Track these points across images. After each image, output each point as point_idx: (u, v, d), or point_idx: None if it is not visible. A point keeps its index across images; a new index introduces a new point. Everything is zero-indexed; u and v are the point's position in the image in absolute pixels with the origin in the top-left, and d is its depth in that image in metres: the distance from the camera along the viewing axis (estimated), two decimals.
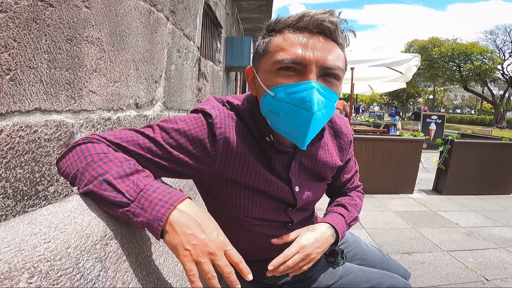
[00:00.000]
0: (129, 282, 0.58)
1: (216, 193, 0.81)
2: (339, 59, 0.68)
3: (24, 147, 0.76)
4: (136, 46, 1.40)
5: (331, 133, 0.91)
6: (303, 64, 0.65)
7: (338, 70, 0.67)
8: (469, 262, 2.27)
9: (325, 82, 0.67)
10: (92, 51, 1.04)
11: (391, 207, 3.48)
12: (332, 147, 0.90)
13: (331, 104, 0.68)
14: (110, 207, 0.58)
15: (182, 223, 0.56)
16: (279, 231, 0.89)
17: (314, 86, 0.63)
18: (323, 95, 0.65)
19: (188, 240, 0.55)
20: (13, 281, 0.39)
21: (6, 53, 0.69)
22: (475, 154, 4.07)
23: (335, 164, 0.89)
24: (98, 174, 0.58)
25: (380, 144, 3.95)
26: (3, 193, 0.71)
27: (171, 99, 1.96)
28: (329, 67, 0.66)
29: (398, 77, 6.00)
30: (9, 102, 0.71)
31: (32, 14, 0.75)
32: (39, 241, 0.45)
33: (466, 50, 21.10)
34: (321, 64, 0.65)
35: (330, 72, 0.66)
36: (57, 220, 0.51)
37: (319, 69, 0.66)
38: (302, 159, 0.83)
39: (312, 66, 0.65)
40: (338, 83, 0.70)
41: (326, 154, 0.87)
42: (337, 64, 0.67)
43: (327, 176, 0.91)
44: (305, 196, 0.86)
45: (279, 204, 0.85)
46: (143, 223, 0.55)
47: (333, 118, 0.92)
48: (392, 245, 2.51)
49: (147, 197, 0.56)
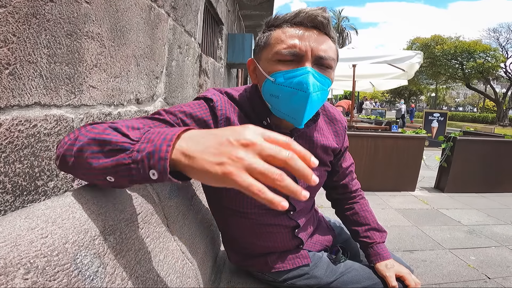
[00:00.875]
0: (128, 278, 0.57)
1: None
2: (331, 50, 0.76)
3: (23, 142, 0.76)
4: (137, 42, 1.40)
5: (325, 120, 0.98)
6: (300, 54, 0.73)
7: (330, 60, 0.75)
8: (471, 260, 2.26)
9: (319, 69, 0.75)
10: (93, 46, 1.03)
11: (392, 204, 3.47)
12: (328, 131, 0.96)
13: (325, 88, 0.76)
14: (109, 154, 0.49)
15: (197, 136, 0.47)
16: (280, 220, 0.91)
17: (309, 71, 0.71)
18: (317, 79, 0.73)
19: (212, 149, 0.43)
20: (9, 277, 0.38)
21: (5, 48, 0.68)
22: (477, 152, 4.05)
23: (330, 146, 0.94)
24: (99, 129, 0.53)
25: (382, 141, 3.93)
26: (2, 188, 0.71)
27: (172, 95, 1.95)
28: (322, 56, 0.74)
29: (400, 74, 5.98)
30: (8, 96, 0.71)
31: (32, 9, 0.75)
32: (36, 236, 0.45)
33: (469, 48, 20.97)
34: (315, 54, 0.73)
35: (323, 61, 0.74)
36: (54, 215, 0.50)
37: (314, 58, 0.74)
38: (299, 141, 0.88)
39: (308, 54, 0.73)
40: (331, 71, 0.78)
41: (322, 137, 0.93)
42: (329, 54, 0.75)
43: (324, 158, 0.94)
44: None
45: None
46: (149, 154, 0.46)
47: (327, 107, 0.99)
48: (394, 242, 2.50)
49: (154, 131, 0.50)
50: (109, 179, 0.51)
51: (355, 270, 0.98)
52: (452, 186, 4.08)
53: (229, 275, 1.08)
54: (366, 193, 1.04)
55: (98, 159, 0.50)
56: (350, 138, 4.12)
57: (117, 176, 0.50)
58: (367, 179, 3.89)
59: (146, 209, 0.72)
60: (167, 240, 0.77)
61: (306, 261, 0.97)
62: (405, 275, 0.94)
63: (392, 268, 0.95)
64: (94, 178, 0.55)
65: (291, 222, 0.92)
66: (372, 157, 3.89)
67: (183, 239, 0.86)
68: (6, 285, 0.37)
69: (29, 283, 0.40)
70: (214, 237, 1.11)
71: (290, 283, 0.97)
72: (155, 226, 0.74)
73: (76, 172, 0.56)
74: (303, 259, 0.97)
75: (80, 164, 0.53)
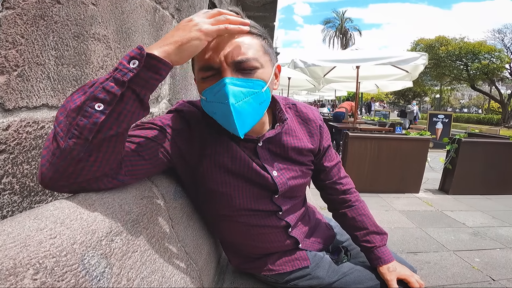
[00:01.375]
0: (134, 279, 0.58)
1: (200, 181, 0.86)
2: (250, 49, 0.72)
3: (31, 143, 0.77)
4: (142, 43, 1.40)
5: (299, 121, 0.96)
6: (215, 67, 0.71)
7: (249, 61, 0.71)
8: (475, 262, 2.24)
9: (243, 73, 0.72)
10: (99, 48, 1.04)
11: (396, 206, 3.46)
12: (301, 132, 0.95)
13: (257, 90, 0.72)
14: (81, 92, 0.56)
15: (162, 39, 0.63)
16: (270, 221, 0.91)
17: (227, 82, 0.68)
18: (240, 85, 0.70)
19: (180, 31, 0.63)
20: (18, 277, 0.39)
21: (14, 50, 0.69)
22: (482, 154, 4.02)
23: (305, 147, 0.93)
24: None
25: (386, 143, 3.92)
26: (10, 189, 0.72)
27: (176, 97, 1.96)
28: (239, 61, 0.70)
29: (405, 75, 5.94)
30: (17, 98, 0.72)
31: (39, 11, 0.76)
32: (45, 237, 0.45)
33: (473, 49, 20.83)
34: (231, 60, 0.70)
35: (243, 65, 0.71)
36: (63, 216, 0.51)
37: (233, 65, 0.70)
38: (269, 145, 0.88)
39: (224, 65, 0.70)
40: (260, 70, 0.74)
41: (294, 139, 0.91)
42: (247, 56, 0.71)
43: (300, 160, 0.93)
44: (284, 180, 0.89)
45: (262, 191, 0.88)
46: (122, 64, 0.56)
47: (300, 107, 0.97)
48: (397, 244, 2.49)
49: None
50: (97, 107, 0.54)
51: (358, 270, 0.98)
52: (456, 188, 4.05)
53: (232, 276, 1.08)
54: (370, 194, 1.03)
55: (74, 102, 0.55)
56: (353, 140, 4.07)
57: (104, 93, 0.55)
58: (370, 181, 3.88)
59: (151, 210, 0.73)
60: (172, 241, 0.78)
61: (306, 263, 0.97)
62: (408, 277, 0.94)
63: (394, 271, 0.94)
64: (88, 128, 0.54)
65: (280, 222, 0.92)
66: (375, 158, 3.88)
67: (188, 240, 0.86)
68: (15, 286, 0.38)
69: (38, 283, 0.40)
70: (217, 238, 1.12)
71: (292, 284, 0.98)
72: (160, 227, 0.74)
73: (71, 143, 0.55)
74: (303, 261, 0.97)
75: (68, 130, 0.54)
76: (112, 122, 0.56)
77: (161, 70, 0.60)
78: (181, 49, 0.61)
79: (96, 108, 0.54)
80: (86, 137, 0.54)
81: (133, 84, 0.57)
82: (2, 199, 0.70)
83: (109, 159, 0.60)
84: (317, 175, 1.04)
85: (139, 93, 0.59)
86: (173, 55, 0.61)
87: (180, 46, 0.61)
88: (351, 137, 3.84)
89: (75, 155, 0.54)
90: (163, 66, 0.60)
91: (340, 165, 1.06)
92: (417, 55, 4.60)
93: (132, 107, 0.59)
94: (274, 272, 0.96)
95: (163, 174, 0.88)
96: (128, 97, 0.58)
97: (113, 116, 0.56)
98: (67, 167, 0.55)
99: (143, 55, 0.57)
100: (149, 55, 0.58)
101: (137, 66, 0.56)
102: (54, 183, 0.56)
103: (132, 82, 0.57)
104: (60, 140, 0.54)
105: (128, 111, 0.58)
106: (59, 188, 0.58)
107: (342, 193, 1.04)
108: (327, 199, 1.09)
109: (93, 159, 0.57)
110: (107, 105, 0.55)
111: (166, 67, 0.60)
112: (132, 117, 0.60)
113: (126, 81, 0.55)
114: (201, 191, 0.88)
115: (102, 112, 0.54)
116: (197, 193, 0.91)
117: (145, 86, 0.59)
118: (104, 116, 0.54)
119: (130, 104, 0.58)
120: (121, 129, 0.59)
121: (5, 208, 0.71)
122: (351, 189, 1.06)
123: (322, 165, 1.01)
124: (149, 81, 0.59)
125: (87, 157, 0.56)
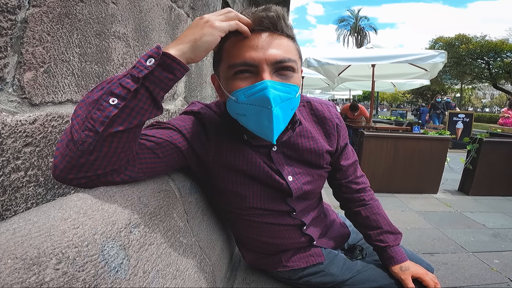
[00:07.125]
0: (149, 271, 0.59)
1: (214, 181, 0.86)
2: (289, 50, 0.71)
3: (56, 137, 0.80)
4: (159, 42, 1.43)
5: (314, 120, 0.93)
6: (254, 65, 0.68)
7: (290, 62, 0.70)
8: (494, 264, 2.18)
9: (281, 76, 0.70)
10: (119, 46, 1.06)
11: (413, 206, 3.38)
12: (317, 133, 0.91)
13: (292, 96, 0.71)
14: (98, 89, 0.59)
15: (179, 39, 0.64)
16: (284, 220, 0.91)
17: (268, 85, 0.66)
18: (280, 90, 0.68)
19: (193, 29, 0.65)
20: (41, 266, 0.39)
21: (40, 47, 0.72)
22: (504, 154, 3.88)
23: (322, 149, 0.89)
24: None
25: (403, 142, 3.83)
26: (35, 181, 0.75)
27: (191, 94, 1.99)
28: (279, 60, 0.69)
29: (423, 74, 5.78)
30: (43, 93, 0.74)
31: (64, 9, 0.78)
32: (68, 227, 0.46)
33: (495, 47, 20.09)
34: (272, 61, 0.68)
35: (282, 65, 0.69)
36: (86, 206, 0.52)
37: (271, 66, 0.69)
38: (283, 149, 0.86)
39: (263, 65, 0.68)
40: (295, 74, 0.73)
41: (310, 141, 0.88)
42: (288, 56, 0.70)
43: (317, 162, 0.91)
44: (299, 185, 0.87)
45: (276, 193, 0.87)
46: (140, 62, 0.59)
47: (315, 105, 0.93)
48: (413, 245, 2.44)
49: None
50: (112, 101, 0.57)
51: (372, 268, 0.97)
52: (477, 189, 3.92)
53: (244, 273, 1.09)
54: (385, 194, 1.02)
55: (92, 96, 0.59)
56: (369, 139, 3.99)
57: (119, 88, 0.57)
58: (386, 181, 3.81)
59: (168, 204, 0.74)
60: (186, 235, 0.79)
61: (320, 259, 0.96)
62: (422, 276, 0.92)
63: (408, 270, 0.92)
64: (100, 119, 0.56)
65: (295, 221, 0.92)
66: (392, 158, 3.80)
67: (202, 235, 0.87)
68: (38, 275, 0.38)
69: (60, 273, 0.40)
70: (230, 234, 1.13)
71: (305, 280, 0.98)
72: (176, 221, 0.75)
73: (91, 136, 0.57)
74: (317, 257, 0.97)
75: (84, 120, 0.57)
76: (124, 118, 0.58)
77: (175, 70, 0.61)
78: (195, 46, 0.63)
79: (111, 102, 0.56)
80: (97, 129, 0.56)
81: (147, 81, 0.59)
82: (27, 191, 0.73)
83: (120, 154, 0.61)
84: (333, 174, 1.02)
85: (152, 91, 0.60)
86: (188, 53, 0.63)
87: (194, 43, 0.63)
88: (367, 136, 3.78)
89: (86, 147, 0.56)
90: (178, 66, 0.61)
91: (357, 164, 1.04)
92: (435, 53, 4.47)
93: (145, 104, 0.60)
94: (289, 268, 0.96)
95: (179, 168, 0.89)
96: (142, 94, 0.59)
97: (125, 111, 0.58)
98: (79, 159, 0.57)
99: (160, 53, 0.59)
100: (165, 54, 0.60)
101: (153, 64, 0.58)
102: (65, 175, 0.58)
103: (146, 79, 0.59)
104: (74, 133, 0.56)
105: (141, 108, 0.60)
106: (70, 181, 0.59)
107: (356, 192, 1.02)
108: (340, 197, 1.07)
109: (103, 154, 0.58)
110: (121, 100, 0.57)
111: (180, 68, 0.62)
112: (145, 114, 0.61)
113: (141, 77, 0.57)
114: (214, 189, 0.89)
115: (115, 106, 0.56)
116: (211, 190, 0.92)
117: (159, 84, 0.61)
118: (117, 110, 0.56)
119: (143, 102, 0.60)
120: (132, 126, 0.60)
121: (29, 200, 0.74)
122: (366, 188, 1.04)
123: (339, 164, 0.99)
124: (163, 80, 0.61)
125: (98, 150, 0.57)
